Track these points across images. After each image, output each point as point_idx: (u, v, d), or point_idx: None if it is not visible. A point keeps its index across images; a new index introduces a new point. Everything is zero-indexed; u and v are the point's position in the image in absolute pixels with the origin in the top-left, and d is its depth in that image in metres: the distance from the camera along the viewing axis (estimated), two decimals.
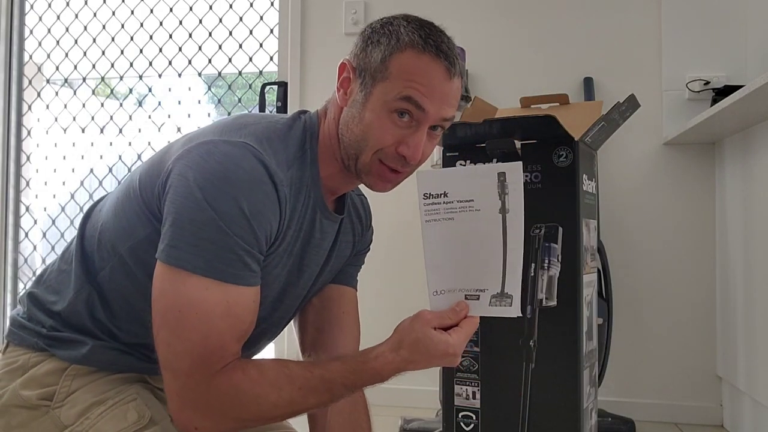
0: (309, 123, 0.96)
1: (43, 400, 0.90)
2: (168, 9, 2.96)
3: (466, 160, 1.15)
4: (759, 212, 1.90)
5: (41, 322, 0.95)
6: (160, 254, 0.83)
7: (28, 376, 0.92)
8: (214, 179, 0.82)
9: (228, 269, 0.82)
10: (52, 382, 0.91)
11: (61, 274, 0.98)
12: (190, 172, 0.83)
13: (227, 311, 0.82)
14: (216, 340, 0.82)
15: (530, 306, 1.05)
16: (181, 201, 0.83)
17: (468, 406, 1.12)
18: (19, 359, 0.94)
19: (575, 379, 1.03)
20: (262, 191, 0.84)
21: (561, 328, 1.03)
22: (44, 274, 1.02)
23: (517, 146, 1.07)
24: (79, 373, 0.92)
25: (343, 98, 0.94)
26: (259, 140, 0.88)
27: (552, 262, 1.04)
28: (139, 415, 0.91)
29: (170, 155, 0.89)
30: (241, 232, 0.82)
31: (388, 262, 2.56)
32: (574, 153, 1.04)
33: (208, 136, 0.88)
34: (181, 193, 0.83)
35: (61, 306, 0.94)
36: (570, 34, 2.44)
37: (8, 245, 3.09)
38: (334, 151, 0.95)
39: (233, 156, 0.84)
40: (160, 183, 0.87)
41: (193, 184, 0.82)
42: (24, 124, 3.14)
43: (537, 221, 1.06)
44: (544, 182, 1.06)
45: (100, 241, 0.94)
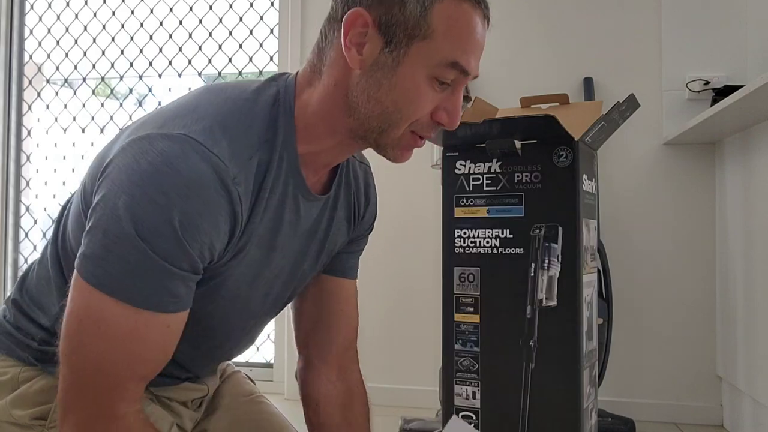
0: (283, 94, 0.81)
1: (37, 420, 0.84)
2: (168, 9, 2.96)
3: (466, 160, 1.15)
4: (759, 212, 1.90)
5: (30, 334, 0.87)
6: (76, 264, 0.72)
7: (19, 394, 0.85)
8: (144, 185, 0.69)
9: (138, 292, 0.70)
10: (45, 400, 0.84)
11: (40, 281, 0.89)
12: (119, 175, 0.71)
13: (130, 337, 0.71)
14: (113, 364, 0.71)
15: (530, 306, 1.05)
16: (102, 207, 0.70)
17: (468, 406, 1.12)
18: (8, 372, 0.86)
19: (575, 379, 1.03)
20: (201, 199, 0.70)
21: (561, 328, 1.03)
22: (25, 279, 0.92)
23: (517, 146, 1.07)
24: None
25: (356, 60, 0.76)
26: (210, 128, 0.73)
27: (552, 262, 1.04)
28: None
29: (113, 150, 0.76)
30: (166, 251, 0.69)
31: (389, 261, 2.56)
32: (574, 153, 1.04)
33: (149, 127, 0.74)
34: (105, 197, 0.71)
35: (46, 321, 0.86)
36: (570, 34, 2.44)
37: (8, 245, 3.09)
38: (331, 123, 0.81)
39: (169, 156, 0.70)
40: (97, 185, 0.75)
41: (118, 190, 0.70)
42: (24, 124, 3.14)
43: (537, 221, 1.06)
44: (544, 182, 1.06)
45: (71, 249, 0.84)
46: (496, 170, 1.11)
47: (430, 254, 2.48)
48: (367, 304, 2.66)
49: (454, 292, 1.15)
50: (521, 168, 1.08)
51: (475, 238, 1.12)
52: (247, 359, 2.85)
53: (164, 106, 0.80)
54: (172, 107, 0.78)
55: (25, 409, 0.84)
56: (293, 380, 2.77)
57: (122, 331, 0.70)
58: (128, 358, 0.72)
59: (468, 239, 1.13)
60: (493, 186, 1.11)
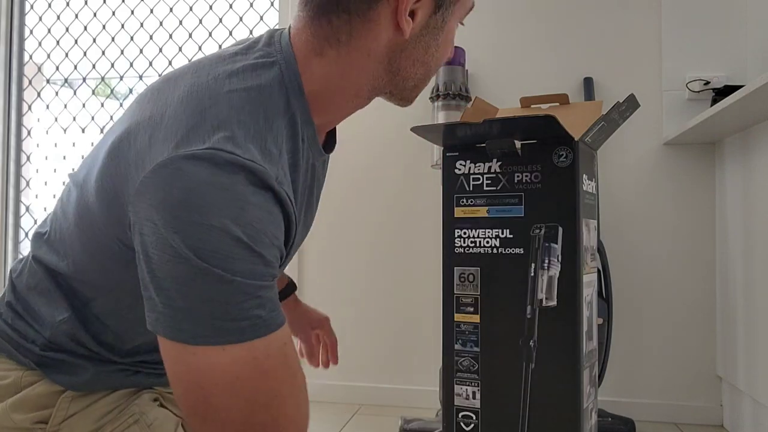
0: (287, 73, 0.77)
1: (38, 423, 0.81)
2: (168, 9, 2.97)
3: (466, 160, 1.15)
4: (759, 212, 1.90)
5: (32, 339, 0.83)
6: (153, 327, 0.65)
7: (20, 397, 0.82)
8: (191, 214, 0.62)
9: (243, 323, 0.64)
10: (48, 404, 0.82)
11: (32, 292, 0.84)
12: (158, 215, 0.63)
13: (260, 372, 0.64)
14: (262, 414, 0.65)
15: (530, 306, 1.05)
16: (155, 257, 0.63)
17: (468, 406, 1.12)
18: (9, 375, 0.83)
19: (575, 379, 1.03)
20: (255, 206, 0.65)
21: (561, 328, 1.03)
22: (15, 287, 0.87)
23: (517, 146, 1.07)
24: (78, 394, 0.83)
25: (408, 28, 0.77)
26: (232, 135, 0.67)
27: (552, 262, 1.04)
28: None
29: (125, 180, 0.68)
30: (245, 268, 0.64)
31: (389, 261, 2.57)
32: (574, 153, 1.04)
33: (163, 149, 0.66)
34: (154, 245, 0.63)
35: (46, 332, 0.82)
36: (570, 34, 2.44)
37: (8, 245, 3.09)
38: (355, 91, 0.80)
39: (204, 176, 0.63)
40: (130, 228, 0.68)
41: (165, 232, 0.62)
42: (24, 124, 3.14)
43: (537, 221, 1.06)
44: (544, 182, 1.06)
45: (81, 279, 0.80)
46: (496, 170, 1.11)
47: (430, 254, 2.48)
48: (367, 304, 2.68)
49: (454, 292, 1.15)
50: (521, 168, 1.08)
51: (475, 238, 1.12)
52: None
53: (160, 109, 0.72)
54: (172, 113, 0.70)
55: (25, 413, 0.82)
56: None
57: (247, 376, 0.64)
58: (271, 401, 0.66)
59: (468, 239, 1.13)
60: (493, 186, 1.11)
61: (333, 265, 2.61)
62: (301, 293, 2.63)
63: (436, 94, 2.30)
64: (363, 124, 2.47)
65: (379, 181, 2.55)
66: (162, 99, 0.73)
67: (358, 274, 2.59)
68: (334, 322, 2.59)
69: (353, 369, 2.58)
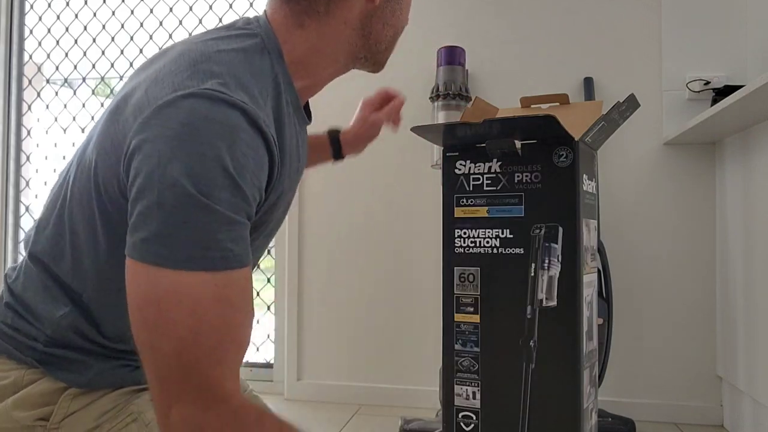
0: (267, 41, 0.84)
1: (39, 421, 0.82)
2: (168, 9, 2.96)
3: (466, 160, 1.15)
4: (759, 212, 1.90)
5: (34, 337, 0.83)
6: (129, 250, 0.68)
7: (22, 395, 0.82)
8: (188, 144, 0.67)
9: (215, 254, 0.67)
10: (49, 402, 0.83)
11: (28, 291, 0.85)
12: (157, 147, 0.68)
13: (218, 299, 0.68)
14: (209, 336, 0.67)
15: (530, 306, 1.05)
16: (151, 185, 0.67)
17: (468, 407, 1.12)
18: (10, 375, 0.83)
19: (575, 379, 1.03)
20: (244, 141, 0.70)
21: (561, 328, 1.03)
22: (12, 287, 0.87)
23: (517, 146, 1.07)
24: (80, 392, 0.84)
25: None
26: (224, 81, 0.73)
27: (552, 262, 1.04)
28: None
29: (124, 133, 0.73)
30: (228, 201, 0.68)
31: (389, 261, 2.57)
32: (574, 153, 1.04)
33: (161, 94, 0.72)
34: (150, 175, 0.67)
35: (47, 329, 0.83)
36: (570, 34, 2.44)
37: (8, 245, 3.09)
38: (333, 57, 0.88)
39: (200, 109, 0.69)
40: (123, 175, 0.72)
41: (163, 161, 0.67)
42: (24, 124, 3.14)
43: (537, 221, 1.06)
44: (544, 182, 1.06)
45: (79, 267, 0.82)
46: (496, 170, 1.11)
47: (430, 254, 2.48)
48: (367, 304, 2.67)
49: (454, 292, 1.15)
50: (521, 168, 1.08)
51: (475, 238, 1.12)
52: (247, 359, 2.85)
53: (154, 72, 0.78)
54: (166, 71, 0.76)
55: (27, 411, 0.82)
56: (293, 380, 2.78)
57: (207, 301, 0.67)
58: (222, 326, 0.68)
59: (468, 239, 1.13)
60: (493, 186, 1.11)
61: (333, 264, 2.61)
62: (301, 293, 2.63)
63: (436, 94, 2.29)
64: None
65: (379, 181, 2.55)
66: (154, 65, 0.81)
67: (358, 273, 2.58)
68: (334, 322, 2.60)
69: (353, 369, 2.58)
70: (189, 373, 0.67)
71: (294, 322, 2.63)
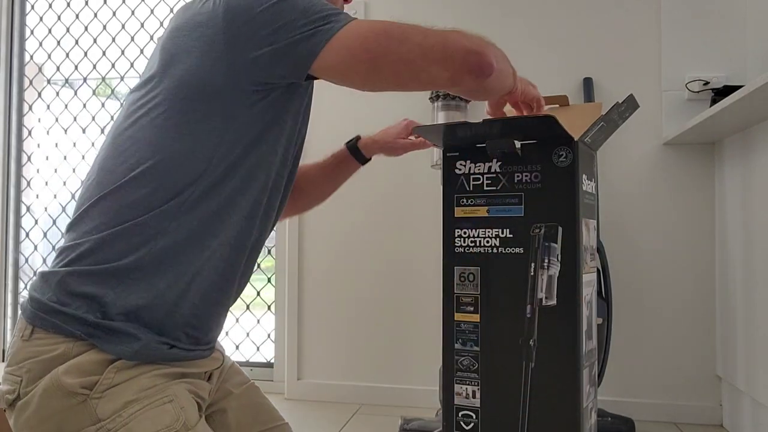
0: None
1: (84, 389, 0.87)
2: (169, 9, 2.97)
3: (466, 160, 1.15)
4: (758, 212, 1.90)
5: (88, 308, 0.90)
6: (313, 47, 0.88)
7: (73, 363, 0.88)
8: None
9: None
10: (96, 372, 0.88)
11: (71, 276, 0.92)
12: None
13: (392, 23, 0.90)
14: (426, 34, 0.90)
15: (530, 305, 1.05)
16: (268, 12, 0.89)
17: (468, 405, 1.12)
18: (58, 347, 0.89)
19: (575, 378, 1.03)
20: None
21: (560, 327, 1.04)
22: (75, 259, 0.93)
23: (517, 146, 1.07)
24: (124, 366, 0.89)
25: None
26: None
27: (552, 261, 1.04)
28: (173, 419, 0.89)
29: (194, 21, 0.94)
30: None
31: (389, 261, 2.57)
32: (573, 153, 1.05)
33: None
34: (262, 11, 0.89)
35: (96, 304, 0.90)
36: (570, 35, 2.45)
37: (9, 245, 3.10)
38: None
39: None
40: (218, 38, 0.91)
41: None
42: (25, 124, 3.15)
43: (537, 221, 1.06)
44: (543, 182, 1.07)
45: (153, 201, 0.92)
46: (496, 170, 1.11)
47: (430, 254, 2.48)
48: (367, 304, 2.67)
49: (454, 292, 1.15)
50: (521, 168, 1.08)
51: (475, 237, 1.13)
52: (248, 359, 2.86)
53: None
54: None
55: (75, 378, 0.87)
56: (293, 380, 2.77)
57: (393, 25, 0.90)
58: (426, 32, 0.91)
59: (468, 239, 1.14)
60: (493, 186, 1.11)
61: (333, 264, 2.62)
62: (301, 293, 2.64)
63: (435, 94, 2.30)
64: (363, 124, 2.47)
65: (379, 181, 2.56)
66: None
67: (358, 273, 2.59)
68: (334, 322, 2.60)
69: (353, 369, 2.58)
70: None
71: (294, 322, 2.63)
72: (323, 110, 2.38)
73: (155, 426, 0.87)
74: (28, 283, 3.15)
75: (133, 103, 0.98)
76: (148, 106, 0.95)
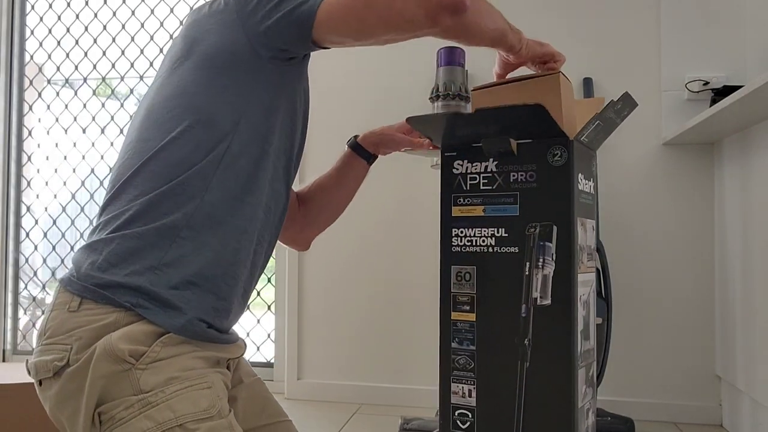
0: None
1: (131, 357, 0.89)
2: (168, 9, 2.97)
3: (463, 160, 1.15)
4: (758, 212, 1.90)
5: (139, 276, 0.93)
6: (309, 8, 0.95)
7: (127, 330, 0.90)
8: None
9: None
10: (143, 342, 0.91)
11: (120, 246, 0.95)
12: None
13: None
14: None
15: (525, 304, 1.05)
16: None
17: (464, 404, 1.12)
18: (109, 317, 0.91)
19: (570, 378, 1.03)
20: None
21: (555, 327, 1.04)
22: (123, 225, 0.96)
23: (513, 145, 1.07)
24: (171, 342, 0.92)
25: None
26: None
27: (546, 260, 1.04)
28: (210, 404, 0.92)
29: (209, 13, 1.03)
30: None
31: (390, 261, 2.57)
32: (569, 152, 1.05)
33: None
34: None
35: (144, 276, 0.93)
36: (569, 35, 2.45)
37: (9, 245, 3.10)
38: None
39: None
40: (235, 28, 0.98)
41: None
42: (25, 125, 3.15)
43: (532, 220, 1.06)
44: (539, 181, 1.07)
45: (194, 158, 0.97)
46: (492, 169, 1.11)
47: (430, 254, 2.48)
48: (367, 304, 2.67)
49: (451, 291, 1.15)
50: (517, 167, 1.09)
51: (471, 237, 1.13)
52: (248, 359, 2.85)
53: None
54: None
55: (127, 344, 0.89)
56: (293, 380, 2.77)
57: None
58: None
59: (465, 238, 1.14)
60: (489, 185, 1.11)
61: (333, 264, 2.62)
62: (301, 292, 2.64)
63: (435, 94, 2.29)
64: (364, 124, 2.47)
65: (379, 180, 2.56)
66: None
67: (359, 273, 2.59)
68: (334, 322, 2.60)
69: (353, 368, 2.58)
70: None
71: (294, 322, 2.63)
72: (324, 115, 2.38)
73: (194, 407, 0.90)
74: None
75: (162, 83, 1.05)
76: (177, 82, 1.02)
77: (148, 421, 0.87)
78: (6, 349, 3.08)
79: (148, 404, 0.88)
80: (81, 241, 3.09)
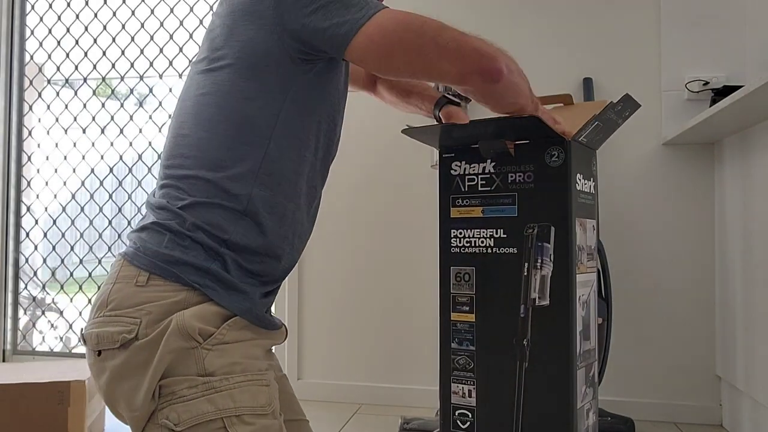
0: None
1: (199, 336, 0.92)
2: (168, 9, 2.97)
3: (461, 161, 1.15)
4: (758, 212, 1.90)
5: (209, 256, 0.96)
6: (346, 33, 0.94)
7: (200, 309, 0.93)
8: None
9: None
10: (213, 323, 0.93)
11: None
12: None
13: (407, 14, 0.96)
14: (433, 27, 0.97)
15: (523, 305, 1.05)
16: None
17: (464, 404, 1.12)
18: (179, 294, 0.94)
19: (568, 378, 1.03)
20: None
21: (554, 327, 1.04)
22: (178, 201, 0.99)
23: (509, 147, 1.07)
24: (236, 326, 0.95)
25: None
26: None
27: (545, 261, 1.04)
28: (267, 402, 0.95)
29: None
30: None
31: (390, 261, 2.57)
32: (566, 153, 1.05)
33: None
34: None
35: (213, 258, 0.95)
36: (570, 35, 2.45)
37: (9, 245, 3.10)
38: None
39: None
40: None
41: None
42: (25, 125, 3.15)
43: (530, 221, 1.06)
44: (536, 182, 1.07)
45: (245, 153, 0.98)
46: (490, 171, 1.12)
47: (429, 254, 2.48)
48: (367, 304, 2.67)
49: (450, 292, 1.15)
50: (514, 168, 1.09)
51: (470, 238, 1.13)
52: None
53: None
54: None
55: (199, 323, 0.92)
56: (293, 380, 2.76)
57: (406, 16, 0.96)
58: (435, 25, 0.98)
59: (463, 239, 1.14)
60: (488, 186, 1.11)
61: (333, 264, 2.62)
62: (301, 292, 2.64)
63: None
64: (364, 125, 2.47)
65: (379, 181, 2.56)
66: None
67: (359, 274, 2.59)
68: (334, 322, 2.60)
69: (353, 369, 2.58)
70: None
71: (294, 322, 2.64)
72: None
73: (254, 402, 0.93)
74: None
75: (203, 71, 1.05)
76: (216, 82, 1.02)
77: (210, 404, 0.90)
78: (6, 349, 3.08)
79: (212, 388, 0.91)
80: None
